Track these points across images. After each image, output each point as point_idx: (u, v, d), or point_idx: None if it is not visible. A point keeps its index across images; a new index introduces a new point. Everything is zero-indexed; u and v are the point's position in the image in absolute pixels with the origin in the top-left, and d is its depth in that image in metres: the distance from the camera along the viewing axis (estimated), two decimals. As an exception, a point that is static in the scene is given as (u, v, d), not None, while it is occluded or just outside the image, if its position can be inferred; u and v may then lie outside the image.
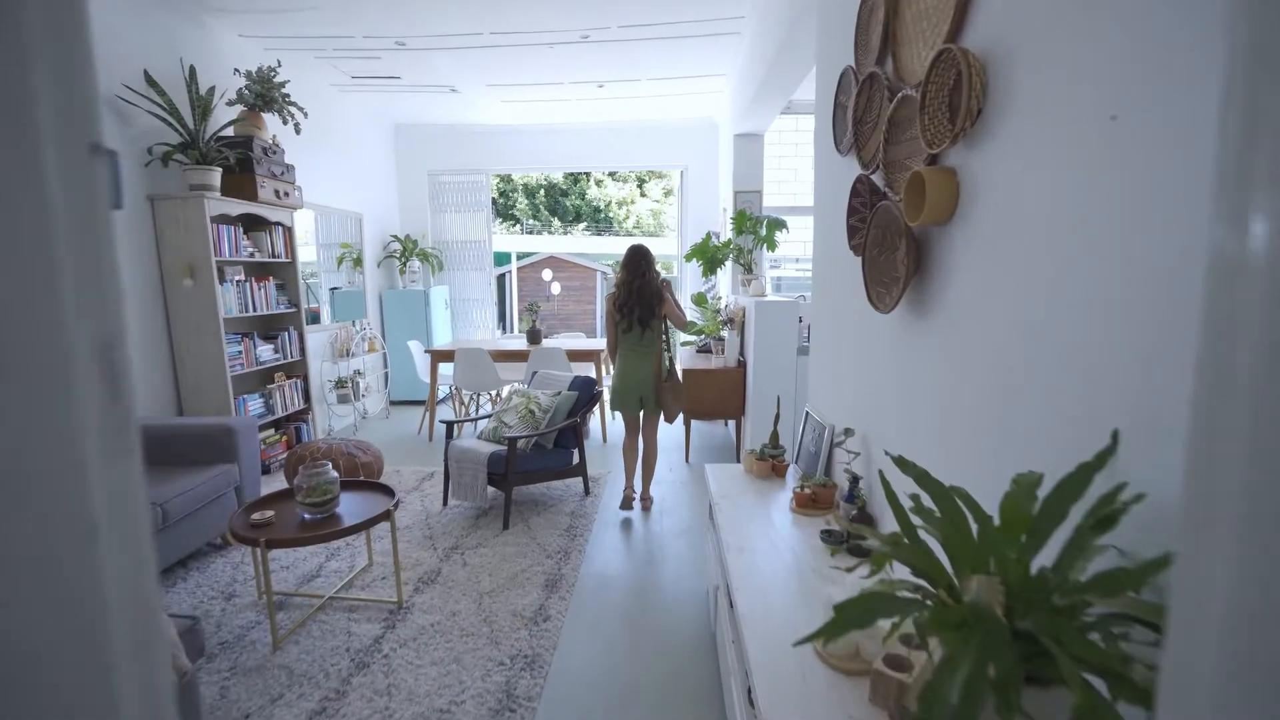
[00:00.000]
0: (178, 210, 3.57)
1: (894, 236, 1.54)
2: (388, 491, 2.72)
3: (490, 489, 3.43)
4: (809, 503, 2.04)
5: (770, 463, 2.45)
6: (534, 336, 5.49)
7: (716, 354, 4.66)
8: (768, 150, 5.53)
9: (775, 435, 2.55)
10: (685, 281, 6.81)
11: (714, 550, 2.25)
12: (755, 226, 5.10)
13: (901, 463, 0.98)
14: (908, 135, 1.50)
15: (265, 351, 4.19)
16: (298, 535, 2.34)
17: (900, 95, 1.51)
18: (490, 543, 3.19)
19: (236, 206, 3.83)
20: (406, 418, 6.04)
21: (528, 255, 13.53)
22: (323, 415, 5.37)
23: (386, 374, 6.38)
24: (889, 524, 1.64)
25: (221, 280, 3.81)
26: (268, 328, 4.42)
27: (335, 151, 5.57)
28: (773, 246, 5.14)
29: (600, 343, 5.54)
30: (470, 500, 3.45)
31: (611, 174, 17.52)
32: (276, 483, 4.02)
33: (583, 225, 17.09)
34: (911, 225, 1.40)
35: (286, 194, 4.26)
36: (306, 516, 2.45)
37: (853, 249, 1.87)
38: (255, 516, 2.40)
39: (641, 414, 3.54)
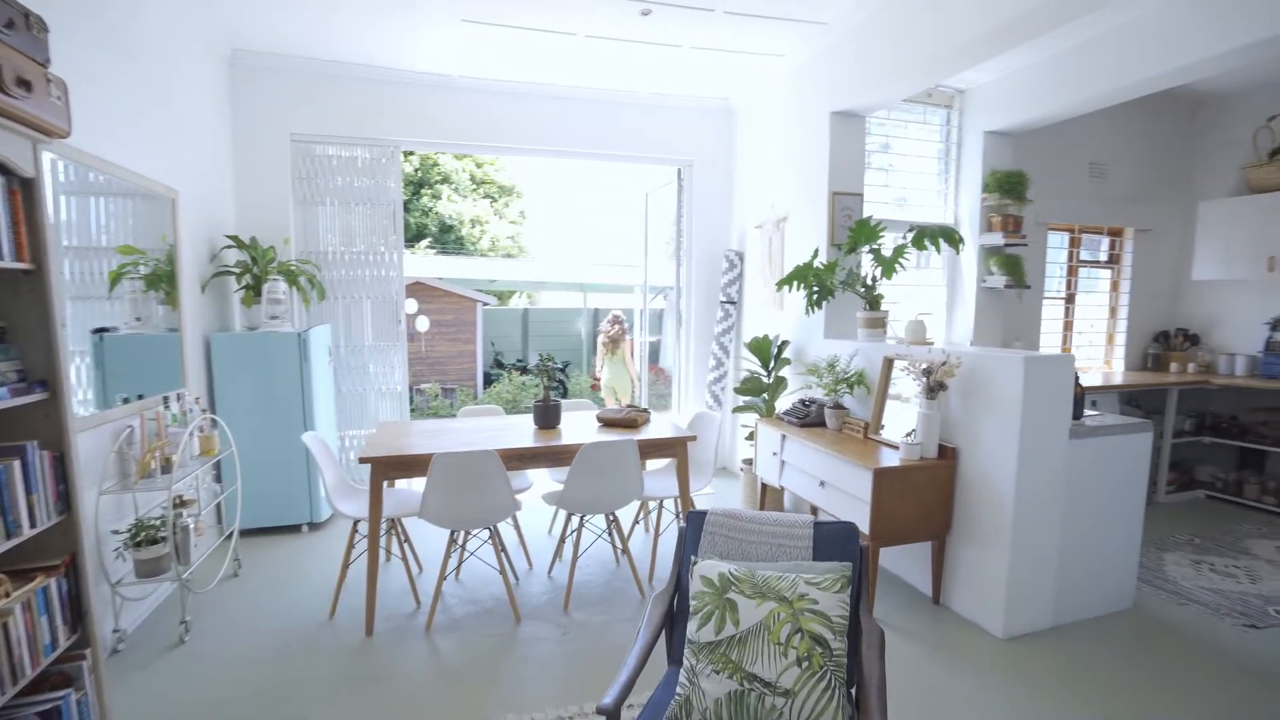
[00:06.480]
0: None
1: None
2: None
3: None
4: None
5: None
6: (547, 417, 3.14)
7: (847, 430, 2.92)
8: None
9: None
10: (696, 323, 4.94)
11: None
12: (875, 239, 3.52)
13: None
14: None
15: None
16: None
17: None
18: None
19: None
20: (275, 565, 3.20)
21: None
22: (106, 614, 2.42)
23: (235, 491, 3.39)
24: None
25: None
26: (-49, 451, 1.60)
27: (118, 64, 2.73)
28: (890, 273, 3.61)
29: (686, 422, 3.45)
30: None
31: (469, 184, 14.90)
32: None
33: (426, 243, 14.09)
34: None
35: (28, 87, 1.57)
36: None
37: None
38: None
39: (616, 399, 5.98)
